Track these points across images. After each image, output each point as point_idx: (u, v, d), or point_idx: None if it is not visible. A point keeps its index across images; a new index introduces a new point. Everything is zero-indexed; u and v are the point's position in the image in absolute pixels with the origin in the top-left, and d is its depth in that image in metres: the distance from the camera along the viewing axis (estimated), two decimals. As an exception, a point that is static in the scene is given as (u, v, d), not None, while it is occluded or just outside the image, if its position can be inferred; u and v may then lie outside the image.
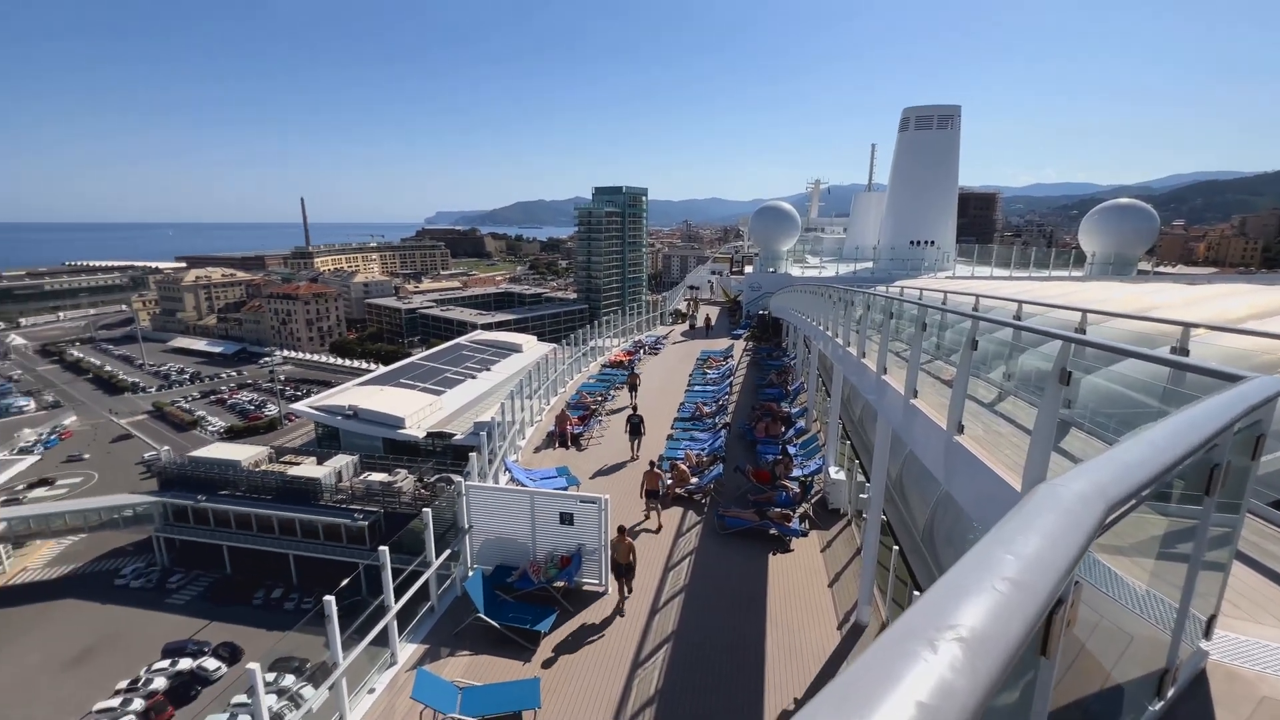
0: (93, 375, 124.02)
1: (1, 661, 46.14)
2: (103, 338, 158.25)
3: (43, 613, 51.73)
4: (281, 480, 57.75)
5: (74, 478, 76.02)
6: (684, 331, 40.39)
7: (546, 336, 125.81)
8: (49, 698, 42.63)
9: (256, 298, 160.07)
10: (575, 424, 21.58)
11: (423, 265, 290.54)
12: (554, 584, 12.52)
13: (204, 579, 56.39)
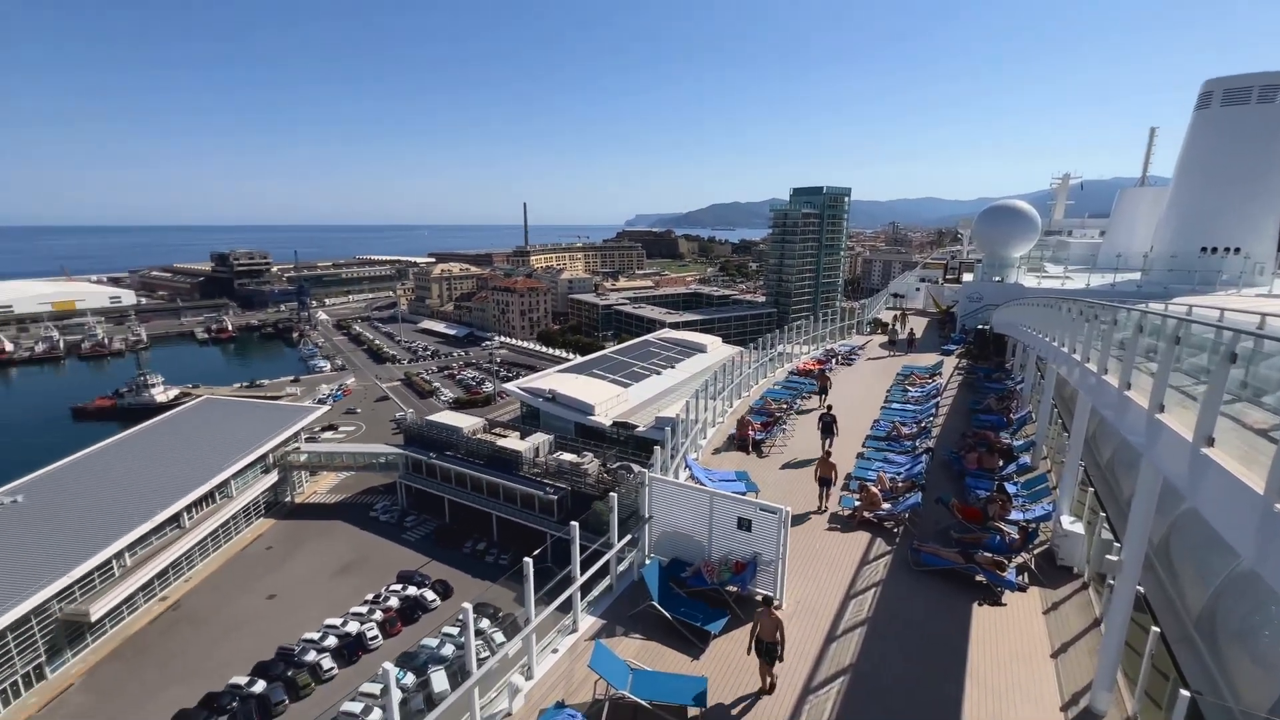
0: (367, 347, 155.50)
1: (297, 561, 60.31)
2: (374, 317, 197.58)
3: (324, 529, 66.39)
4: (491, 449, 66.35)
5: (349, 426, 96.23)
6: (883, 343, 37.19)
7: (732, 339, 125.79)
8: (324, 595, 54.61)
9: (484, 290, 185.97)
10: (758, 430, 21.17)
11: (620, 264, 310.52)
12: (727, 587, 12.42)
13: (430, 523, 67.23)
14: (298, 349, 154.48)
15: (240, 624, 51.00)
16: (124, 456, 63.93)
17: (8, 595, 42.86)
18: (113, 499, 55.47)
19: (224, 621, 51.41)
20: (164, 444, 67.07)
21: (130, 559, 51.79)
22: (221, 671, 44.93)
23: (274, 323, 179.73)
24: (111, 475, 59.61)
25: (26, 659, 43.37)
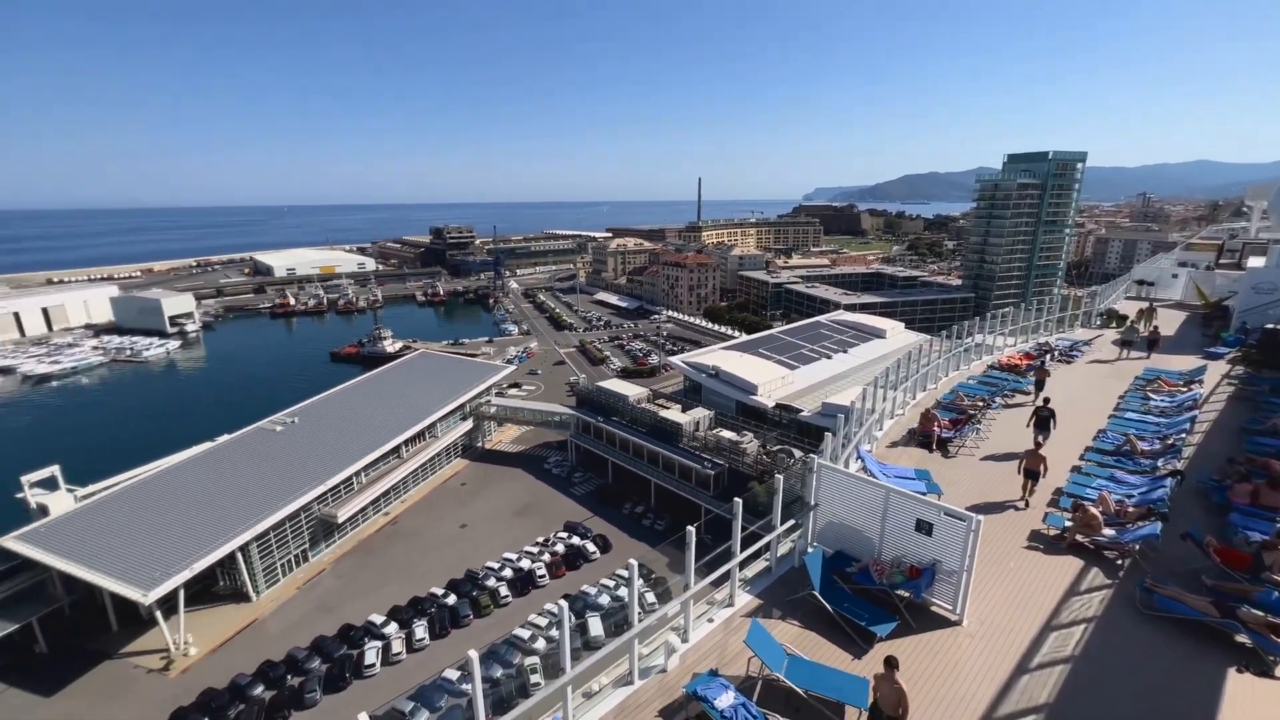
0: (549, 314, 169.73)
1: (484, 498, 69.04)
2: (556, 287, 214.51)
3: (506, 474, 74.94)
4: (654, 419, 68.84)
5: (531, 386, 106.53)
6: (1116, 340, 30.91)
7: (917, 325, 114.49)
8: (503, 531, 61.99)
9: (655, 264, 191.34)
10: (945, 427, 19.04)
11: (795, 241, 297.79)
12: (897, 590, 11.49)
13: (595, 481, 72.26)
14: (492, 314, 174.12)
15: (439, 545, 60.10)
16: (363, 395, 78.11)
17: (287, 493, 55.37)
18: (355, 428, 68.27)
19: (427, 540, 61.00)
20: (390, 387, 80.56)
21: (365, 478, 63.59)
22: (424, 580, 53.56)
23: (474, 290, 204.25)
24: (354, 409, 73.29)
25: (297, 544, 55.87)
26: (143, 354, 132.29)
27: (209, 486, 55.49)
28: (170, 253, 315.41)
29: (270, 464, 59.84)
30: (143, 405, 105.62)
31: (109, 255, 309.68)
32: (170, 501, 52.80)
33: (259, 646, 46.88)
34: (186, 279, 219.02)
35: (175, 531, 49.00)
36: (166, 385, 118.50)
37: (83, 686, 43.40)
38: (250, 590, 51.66)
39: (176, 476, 57.08)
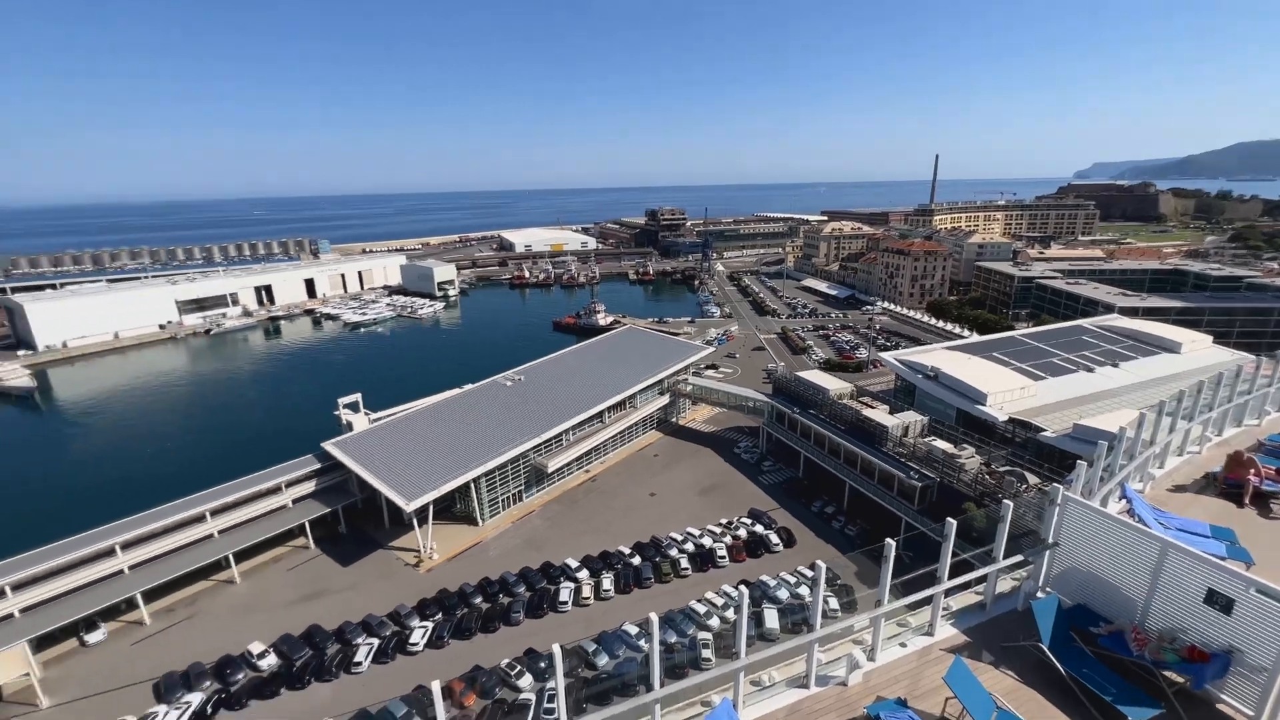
0: (752, 299, 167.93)
1: (673, 472, 71.92)
2: (762, 271, 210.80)
3: (696, 451, 76.97)
4: (855, 417, 64.27)
5: (728, 369, 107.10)
6: None
7: (1234, 341, 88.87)
8: (688, 506, 64.05)
9: (873, 251, 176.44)
10: (1267, 477, 14.37)
11: (1057, 228, 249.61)
12: (1165, 671, 9.09)
13: (784, 473, 70.41)
14: (696, 295, 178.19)
15: (630, 508, 64.41)
16: (577, 362, 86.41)
17: (511, 440, 64.17)
18: (567, 391, 76.02)
19: (620, 502, 65.78)
20: (600, 357, 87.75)
21: (573, 436, 70.65)
22: (615, 537, 58.04)
23: (681, 271, 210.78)
24: (569, 374, 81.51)
25: (515, 484, 64.65)
26: (418, 312, 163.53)
27: (456, 425, 66.84)
28: (441, 229, 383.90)
29: (500, 412, 69.80)
30: (416, 352, 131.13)
31: (400, 231, 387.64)
32: (429, 432, 64.92)
33: (480, 564, 55.64)
34: (452, 252, 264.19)
35: (431, 457, 60.21)
36: (433, 338, 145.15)
37: (363, 565, 56.23)
38: (478, 516, 61.38)
39: (434, 413, 69.82)
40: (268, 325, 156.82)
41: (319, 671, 43.20)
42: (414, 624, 47.33)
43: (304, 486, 59.88)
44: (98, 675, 44.08)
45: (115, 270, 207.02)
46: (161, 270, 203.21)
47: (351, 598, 51.54)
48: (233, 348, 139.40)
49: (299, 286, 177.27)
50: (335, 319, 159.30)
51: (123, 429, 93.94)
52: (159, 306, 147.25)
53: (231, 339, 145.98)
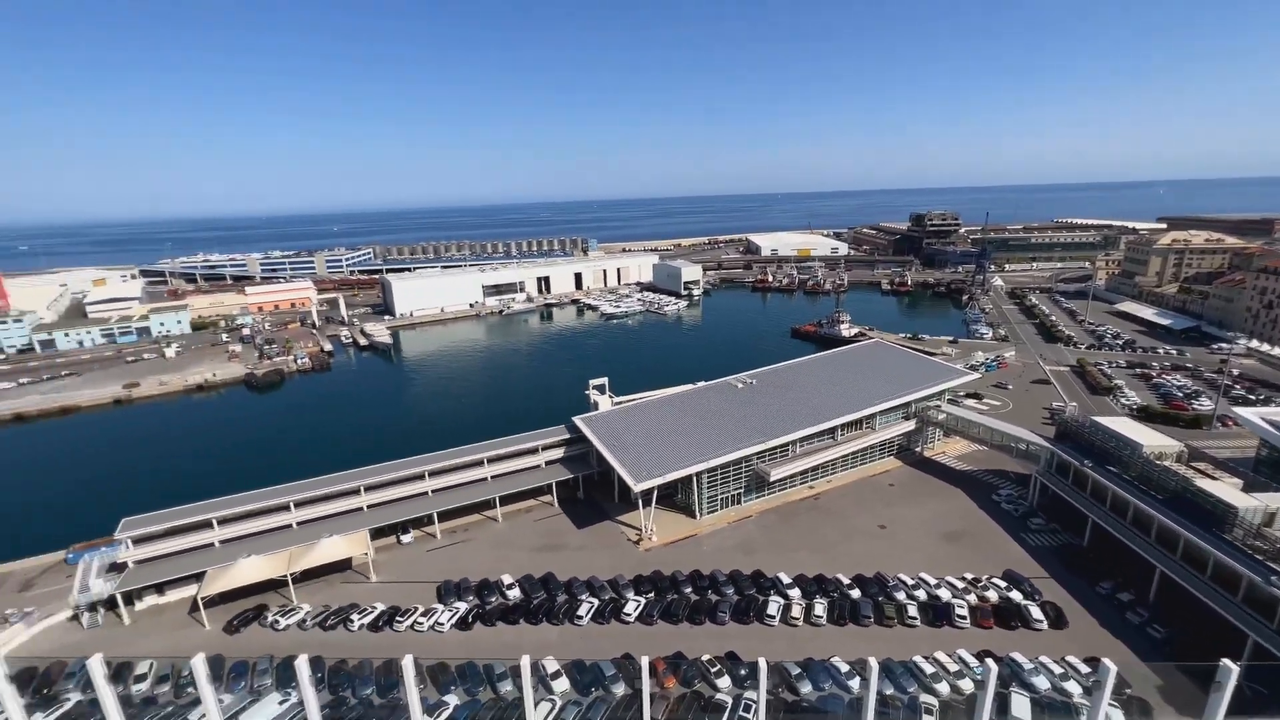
0: (1039, 321, 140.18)
1: (911, 507, 64.12)
2: (1058, 289, 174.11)
3: (941, 490, 67.38)
4: (1182, 486, 49.01)
5: (995, 400, 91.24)
6: None
7: None
8: (924, 548, 56.50)
9: (1240, 270, 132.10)
10: None
11: None
12: None
13: (1060, 536, 57.36)
14: (963, 312, 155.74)
15: (853, 535, 59.39)
16: (813, 372, 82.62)
17: (735, 441, 64.41)
18: (799, 400, 73.23)
19: (843, 526, 61.10)
20: (839, 370, 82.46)
21: (799, 448, 67.89)
22: (832, 561, 54.17)
23: (948, 283, 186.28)
24: (802, 383, 78.43)
25: (735, 486, 64.79)
26: (664, 308, 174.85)
27: (686, 418, 69.66)
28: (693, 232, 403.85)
29: (729, 413, 70.55)
30: (658, 345, 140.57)
31: (656, 232, 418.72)
32: (662, 422, 68.88)
33: (693, 556, 57.14)
34: (699, 253, 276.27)
35: (661, 445, 63.82)
36: (674, 334, 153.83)
37: (593, 531, 62.35)
38: (696, 509, 63.12)
39: (669, 404, 73.80)
40: (543, 310, 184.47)
41: (549, 613, 49.29)
42: (629, 595, 50.85)
43: (554, 452, 68.82)
44: (405, 567, 57.18)
45: (446, 259, 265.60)
46: (475, 260, 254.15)
47: (580, 557, 57.65)
48: (516, 326, 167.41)
49: (569, 279, 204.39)
50: (595, 309, 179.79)
51: (441, 378, 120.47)
52: (471, 290, 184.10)
53: (516, 319, 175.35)
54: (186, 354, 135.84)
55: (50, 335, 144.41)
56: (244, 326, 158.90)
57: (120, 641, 48.13)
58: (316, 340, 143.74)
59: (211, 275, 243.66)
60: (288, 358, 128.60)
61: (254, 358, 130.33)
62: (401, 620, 48.88)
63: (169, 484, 74.03)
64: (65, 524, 63.47)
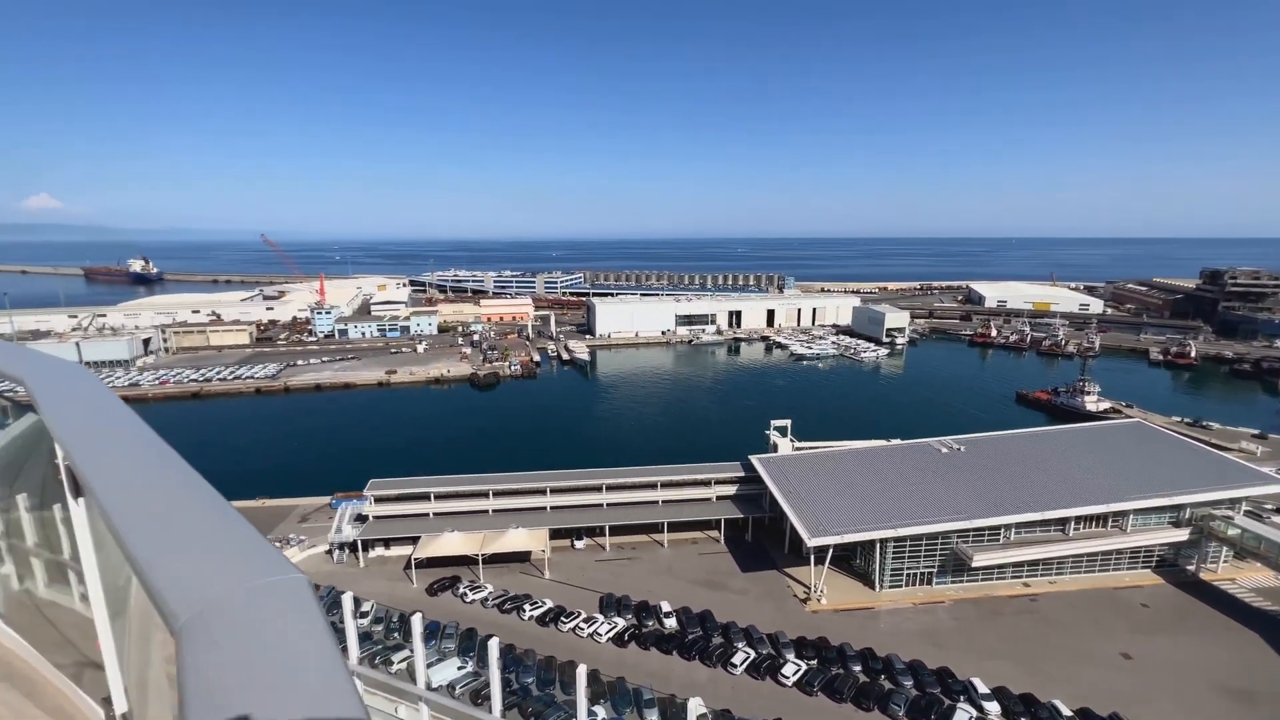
0: None
1: (1173, 639, 49.94)
2: None
3: (1219, 623, 51.53)
4: None
5: (1325, 523, 67.44)
6: None
7: None
8: (1185, 701, 43.35)
9: None
10: None
11: None
12: None
13: None
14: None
15: (1084, 659, 47.92)
16: (1042, 448, 69.65)
17: (929, 512, 56.78)
18: (1018, 479, 62.17)
19: (1068, 643, 49.68)
20: (1078, 451, 68.28)
21: (1013, 535, 57.40)
22: (1048, 684, 44.18)
23: (1256, 360, 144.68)
24: (1026, 458, 66.54)
25: (925, 564, 56.90)
26: (860, 355, 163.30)
27: (876, 477, 63.52)
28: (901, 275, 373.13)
29: (927, 479, 62.64)
30: (850, 393, 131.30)
31: (859, 274, 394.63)
32: (847, 476, 63.75)
33: (866, 631, 51.22)
34: (908, 299, 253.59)
35: (843, 501, 58.98)
36: (870, 383, 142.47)
37: (756, 578, 59.50)
38: (876, 580, 56.70)
39: (856, 458, 68.14)
40: (731, 343, 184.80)
41: (703, 653, 47.97)
42: (789, 656, 47.27)
43: (727, 489, 67.67)
44: (574, 571, 60.57)
45: (645, 287, 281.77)
46: (671, 290, 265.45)
47: (740, 602, 55.35)
48: (703, 357, 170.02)
49: (761, 315, 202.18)
50: (784, 348, 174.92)
51: (628, 398, 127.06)
52: (665, 318, 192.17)
53: (704, 350, 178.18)
54: (431, 351, 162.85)
55: (345, 326, 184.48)
56: (475, 333, 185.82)
57: (354, 580, 58.36)
58: (528, 351, 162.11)
59: (457, 288, 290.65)
60: (504, 363, 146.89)
61: (479, 360, 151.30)
62: (566, 621, 51.65)
63: (405, 455, 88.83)
64: (336, 473, 79.31)
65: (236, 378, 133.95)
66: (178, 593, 1.18)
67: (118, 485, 1.67)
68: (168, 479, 1.75)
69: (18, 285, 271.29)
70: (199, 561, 1.30)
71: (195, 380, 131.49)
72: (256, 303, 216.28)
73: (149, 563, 1.28)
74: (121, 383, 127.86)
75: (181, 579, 1.21)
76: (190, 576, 1.23)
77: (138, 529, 1.41)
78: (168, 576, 1.23)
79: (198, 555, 1.33)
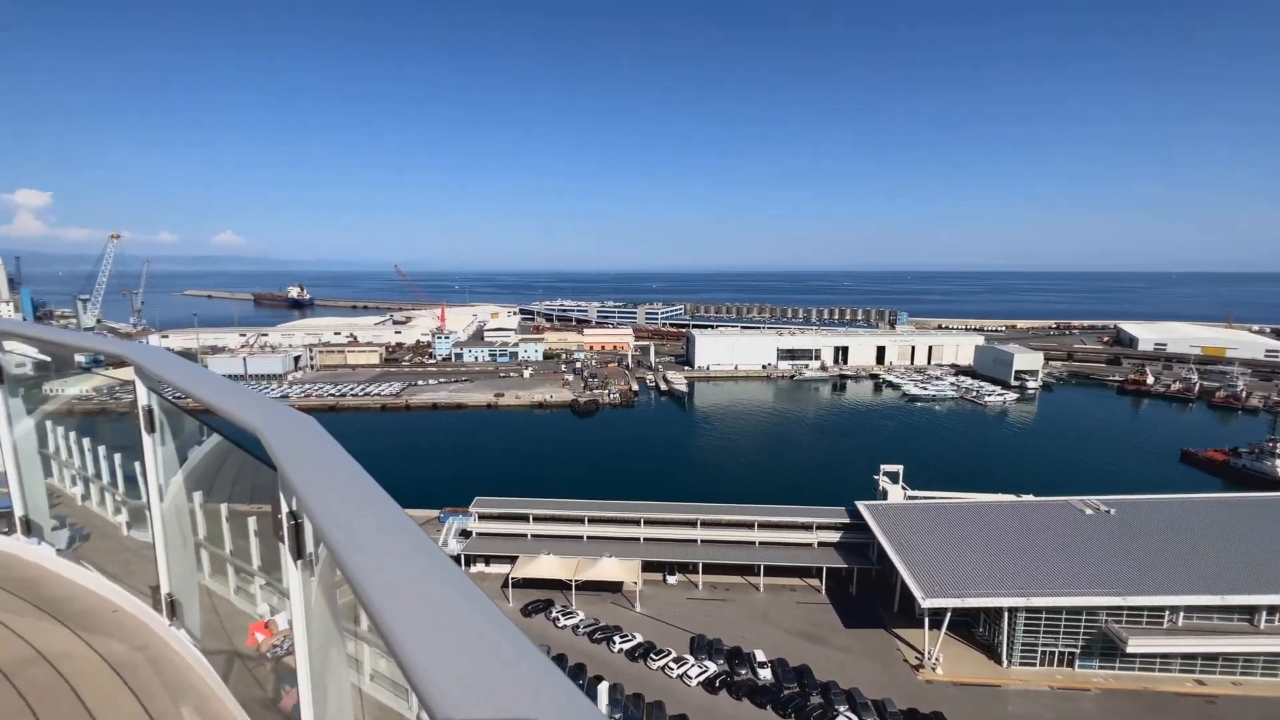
0: None
1: None
2: None
3: None
4: None
5: None
6: None
7: None
8: None
9: None
10: None
11: None
12: None
13: None
14: None
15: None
16: (1218, 516, 59.12)
17: (1076, 583, 49.61)
18: (1189, 552, 52.97)
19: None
20: (1268, 523, 57.16)
21: (1180, 621, 48.64)
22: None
23: None
24: (1196, 528, 56.71)
25: (1065, 642, 49.50)
26: (984, 398, 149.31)
27: (1003, 536, 56.94)
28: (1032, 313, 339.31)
29: (1069, 543, 55.17)
30: (971, 440, 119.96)
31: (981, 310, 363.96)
32: (970, 531, 57.69)
33: (992, 711, 45.26)
34: (1041, 338, 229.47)
35: (964, 560, 53.30)
36: (995, 430, 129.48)
37: (860, 636, 54.78)
38: (1004, 654, 50.13)
39: (981, 513, 61.62)
40: (836, 380, 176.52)
41: (800, 711, 44.55)
42: (898, 731, 42.73)
43: (830, 535, 63.62)
44: (665, 607, 59.21)
45: (746, 320, 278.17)
46: (772, 324, 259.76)
47: (843, 661, 51.10)
48: (805, 393, 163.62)
49: (870, 352, 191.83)
50: (895, 387, 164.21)
51: (724, 432, 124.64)
52: (765, 351, 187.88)
53: (807, 386, 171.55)
54: (536, 377, 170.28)
55: (461, 350, 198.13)
56: (577, 361, 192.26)
57: (456, 593, 60.88)
58: (627, 380, 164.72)
59: (562, 316, 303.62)
60: (604, 391, 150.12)
61: (580, 387, 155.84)
62: (655, 659, 50.32)
63: (507, 475, 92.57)
64: (446, 488, 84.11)
65: (366, 394, 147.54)
66: (448, 702, 1.17)
67: (380, 579, 1.62)
68: (419, 564, 1.70)
69: (204, 308, 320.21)
70: (465, 676, 1.26)
71: (333, 395, 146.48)
72: (387, 327, 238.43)
73: (422, 669, 1.26)
74: (276, 394, 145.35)
75: (451, 692, 1.19)
76: (459, 691, 1.20)
77: (407, 635, 1.39)
78: (440, 689, 1.21)
79: (462, 667, 1.28)
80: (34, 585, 5.33)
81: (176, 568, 4.60)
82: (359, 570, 1.61)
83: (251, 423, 2.77)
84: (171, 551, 4.56)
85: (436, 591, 1.57)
